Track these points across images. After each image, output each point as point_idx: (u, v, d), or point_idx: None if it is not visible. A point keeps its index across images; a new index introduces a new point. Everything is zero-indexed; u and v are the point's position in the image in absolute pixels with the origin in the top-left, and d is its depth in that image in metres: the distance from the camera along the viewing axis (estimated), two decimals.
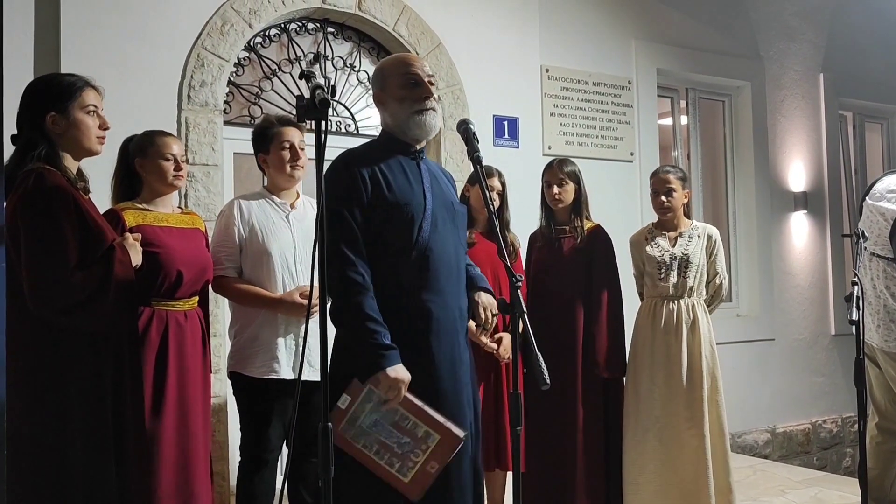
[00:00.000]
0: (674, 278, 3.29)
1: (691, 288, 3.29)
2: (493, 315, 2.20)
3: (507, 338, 3.09)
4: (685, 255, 3.30)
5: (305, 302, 2.65)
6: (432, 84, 2.24)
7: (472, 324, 2.45)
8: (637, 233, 3.51)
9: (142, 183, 2.64)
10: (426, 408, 2.03)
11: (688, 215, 3.47)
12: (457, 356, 2.18)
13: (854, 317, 2.56)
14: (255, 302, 2.73)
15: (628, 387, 3.32)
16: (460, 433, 2.01)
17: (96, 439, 2.07)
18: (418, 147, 2.26)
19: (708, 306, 3.39)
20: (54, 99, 2.13)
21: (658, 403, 3.23)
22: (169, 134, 2.69)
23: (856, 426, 3.32)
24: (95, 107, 2.19)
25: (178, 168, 2.62)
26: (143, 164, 2.61)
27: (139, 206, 2.59)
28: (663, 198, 3.35)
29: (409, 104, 2.19)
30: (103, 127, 2.21)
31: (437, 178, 2.30)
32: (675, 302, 3.29)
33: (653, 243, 3.38)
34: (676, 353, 3.23)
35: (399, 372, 2.01)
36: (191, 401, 2.53)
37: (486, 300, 2.26)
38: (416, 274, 2.14)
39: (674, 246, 3.34)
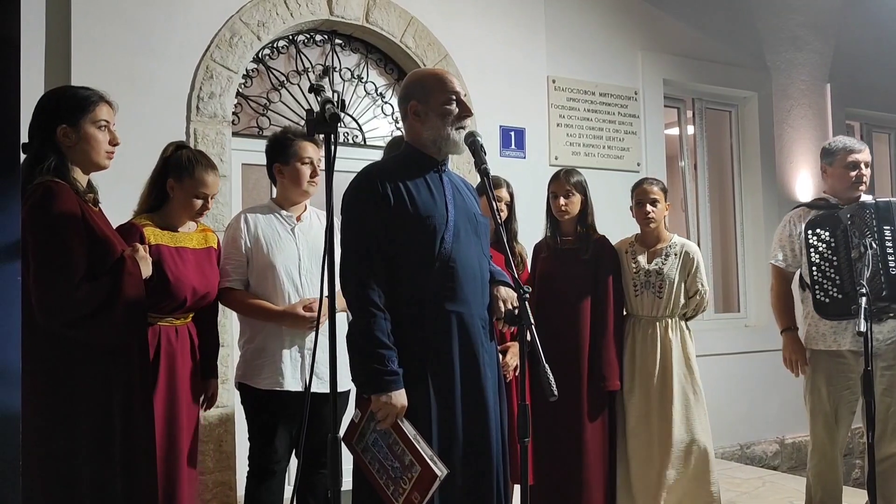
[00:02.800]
0: (647, 296, 3.30)
1: (665, 306, 3.29)
2: (514, 307, 2.18)
3: (513, 346, 3.09)
4: (659, 273, 3.30)
5: (308, 314, 2.66)
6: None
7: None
8: (620, 241, 3.49)
9: (168, 197, 2.61)
10: (415, 438, 2.06)
11: (666, 229, 3.47)
12: (480, 366, 2.19)
13: (862, 328, 2.55)
14: (259, 314, 2.74)
15: (618, 401, 3.34)
16: (438, 471, 2.01)
17: (103, 453, 2.08)
18: (440, 160, 2.29)
19: (687, 318, 3.39)
20: (67, 112, 2.14)
21: (633, 418, 3.27)
22: (212, 169, 2.63)
23: (864, 437, 3.32)
24: (107, 122, 2.20)
25: (205, 207, 2.61)
26: (173, 187, 2.59)
27: (158, 223, 2.56)
28: (648, 207, 3.34)
29: (453, 121, 2.23)
30: (113, 143, 2.22)
31: (460, 189, 2.33)
32: (652, 321, 3.30)
33: (631, 259, 3.38)
34: (651, 370, 3.26)
35: (394, 399, 2.06)
36: (179, 416, 2.50)
37: (504, 294, 2.27)
38: (439, 285, 2.16)
39: (650, 263, 3.34)
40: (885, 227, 3.04)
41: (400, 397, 2.07)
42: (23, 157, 2.15)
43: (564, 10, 4.89)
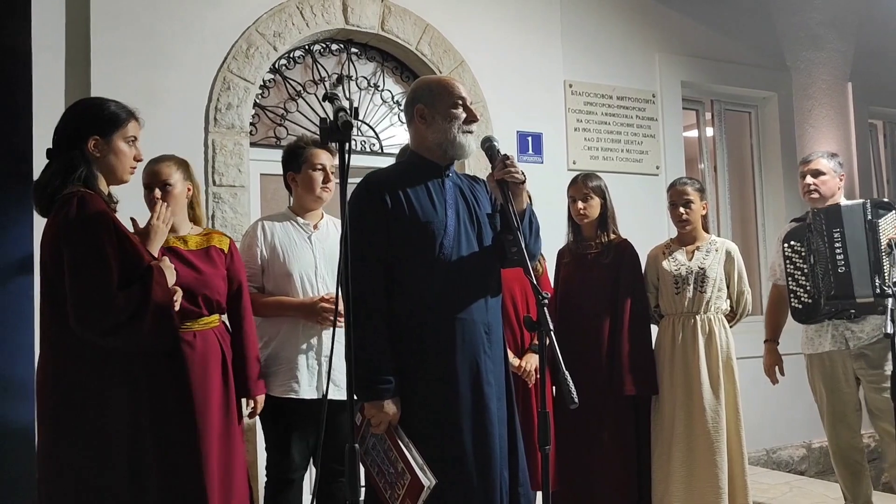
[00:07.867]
0: (689, 293, 3.26)
1: (707, 302, 3.25)
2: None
3: (533, 358, 3.07)
4: (702, 268, 3.26)
5: (326, 305, 2.67)
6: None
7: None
8: (655, 248, 3.47)
9: None
10: (407, 446, 2.08)
11: (706, 228, 3.44)
12: (482, 373, 2.18)
13: (889, 329, 2.50)
14: (277, 308, 2.76)
15: (653, 405, 3.29)
16: (426, 481, 2.02)
17: (136, 460, 2.08)
18: (444, 165, 2.29)
19: (731, 322, 3.35)
20: (101, 124, 2.17)
21: (680, 422, 3.21)
22: (163, 161, 2.65)
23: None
24: (135, 138, 2.24)
25: (166, 193, 2.59)
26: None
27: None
28: (682, 209, 3.33)
29: (460, 124, 2.24)
30: (137, 159, 2.27)
31: (465, 192, 2.31)
32: (692, 317, 3.26)
33: (670, 258, 3.35)
34: (695, 370, 3.20)
35: (386, 407, 2.10)
36: (209, 428, 2.39)
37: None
38: (439, 291, 2.16)
39: (691, 260, 3.31)
40: (833, 231, 3.26)
41: (391, 406, 2.10)
42: (46, 161, 2.17)
43: (580, 13, 4.87)
